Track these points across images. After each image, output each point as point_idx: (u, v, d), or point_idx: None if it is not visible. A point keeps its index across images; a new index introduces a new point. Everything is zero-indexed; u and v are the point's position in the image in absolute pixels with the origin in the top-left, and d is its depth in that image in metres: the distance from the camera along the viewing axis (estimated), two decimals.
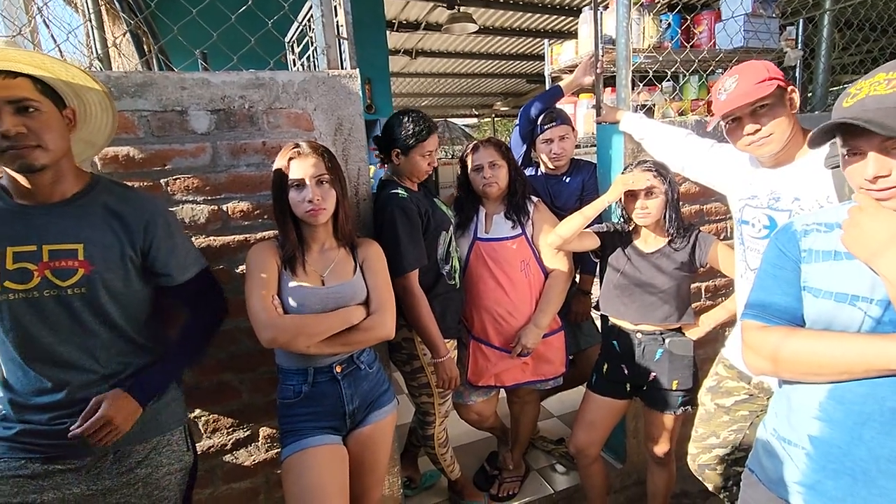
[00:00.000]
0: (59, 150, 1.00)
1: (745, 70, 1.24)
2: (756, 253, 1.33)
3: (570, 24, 6.10)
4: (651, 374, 1.61)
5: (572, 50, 2.61)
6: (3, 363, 1.05)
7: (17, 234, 0.99)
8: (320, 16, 1.48)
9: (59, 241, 1.01)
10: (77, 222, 1.04)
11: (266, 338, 1.19)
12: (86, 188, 1.07)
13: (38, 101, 0.96)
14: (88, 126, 1.11)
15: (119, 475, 1.10)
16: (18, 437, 1.03)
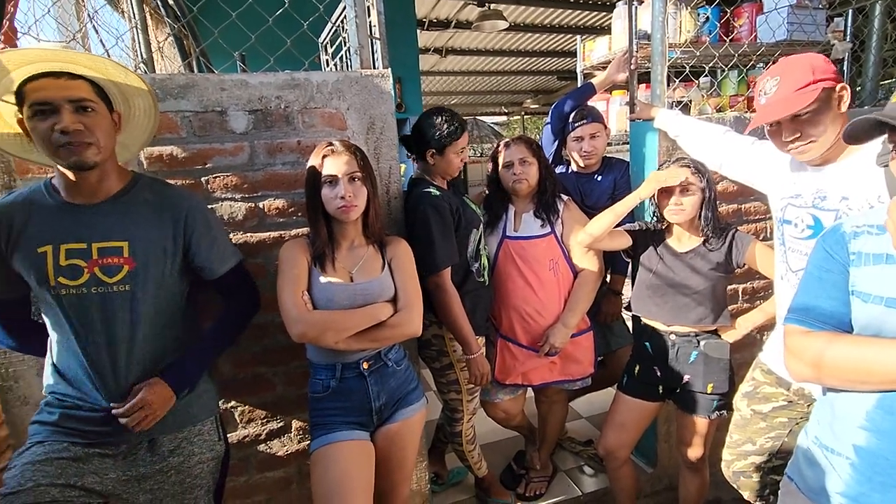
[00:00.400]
0: (107, 149, 1.05)
1: (787, 71, 1.17)
2: (798, 254, 1.28)
3: (602, 20, 5.99)
4: (685, 376, 1.58)
5: (605, 46, 2.57)
6: (55, 352, 1.11)
7: (68, 232, 1.05)
8: (353, 16, 1.51)
9: (106, 239, 1.07)
10: (121, 220, 1.09)
11: (296, 332, 1.22)
12: (128, 186, 1.13)
13: (94, 101, 1.02)
14: (128, 130, 1.17)
15: (153, 463, 1.15)
16: (61, 422, 1.09)
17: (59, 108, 0.97)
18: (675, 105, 2.29)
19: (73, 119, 0.98)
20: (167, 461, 1.16)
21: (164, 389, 1.11)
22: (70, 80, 0.99)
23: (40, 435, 1.08)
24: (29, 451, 1.06)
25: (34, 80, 0.97)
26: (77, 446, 1.08)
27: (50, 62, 0.97)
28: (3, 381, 1.29)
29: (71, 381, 1.10)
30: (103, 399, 1.09)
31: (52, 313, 1.07)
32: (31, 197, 1.07)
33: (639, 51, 2.01)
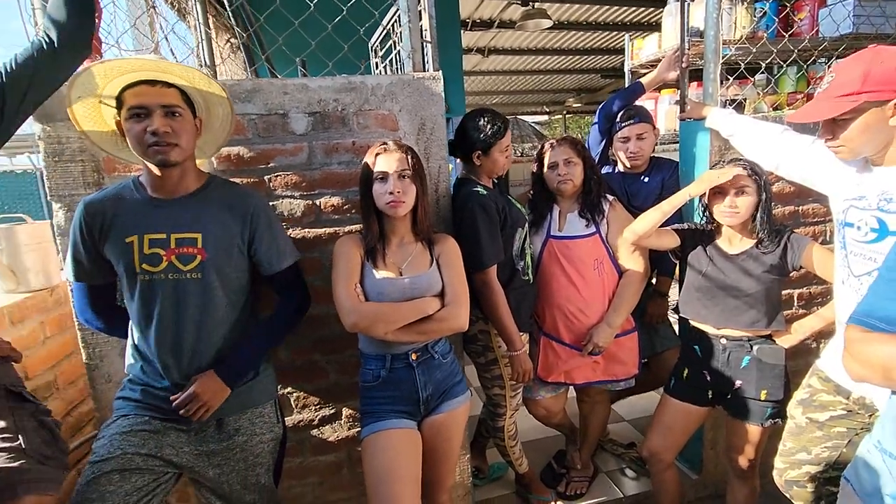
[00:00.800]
0: (189, 150, 1.16)
1: (843, 70, 1.13)
2: (861, 258, 1.23)
3: (650, 16, 5.83)
4: (736, 382, 1.54)
5: (655, 44, 2.53)
6: (135, 334, 1.22)
7: (151, 224, 1.16)
8: (407, 21, 1.57)
9: (183, 231, 1.17)
10: (197, 214, 1.19)
11: (348, 322, 1.29)
12: (203, 185, 1.24)
13: (182, 107, 1.13)
14: (207, 135, 1.28)
15: (220, 440, 1.25)
16: (142, 399, 1.21)
17: (152, 111, 1.09)
18: (729, 103, 2.23)
19: (164, 122, 1.09)
20: (233, 440, 1.25)
21: (216, 382, 1.19)
22: (163, 88, 1.11)
23: (124, 409, 1.20)
24: (115, 423, 1.18)
25: (133, 87, 1.10)
26: (156, 421, 1.19)
27: (148, 71, 1.10)
28: (90, 360, 1.43)
29: (148, 361, 1.21)
30: (177, 378, 1.19)
31: (135, 298, 1.18)
32: (120, 192, 1.19)
33: (690, 48, 1.98)
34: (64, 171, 1.35)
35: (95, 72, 1.09)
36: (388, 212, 1.33)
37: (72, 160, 1.35)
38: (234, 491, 1.26)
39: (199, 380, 1.18)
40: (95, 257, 1.18)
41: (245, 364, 1.25)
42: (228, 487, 1.26)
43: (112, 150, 1.24)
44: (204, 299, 1.19)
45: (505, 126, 1.66)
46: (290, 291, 1.34)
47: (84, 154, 1.36)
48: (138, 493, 1.12)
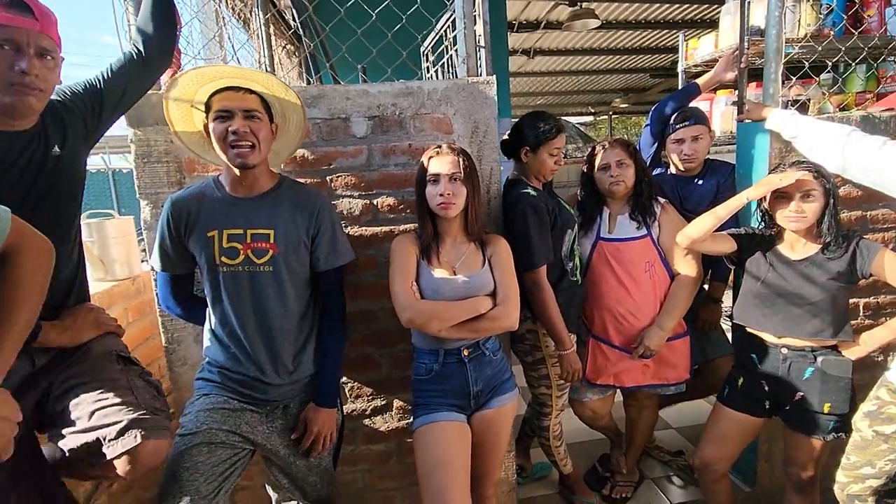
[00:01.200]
0: (265, 153, 1.27)
1: None
2: None
3: (705, 13, 5.64)
4: (797, 393, 1.48)
5: (711, 44, 2.46)
6: (213, 321, 1.33)
7: (230, 220, 1.27)
8: (462, 28, 1.62)
9: (258, 227, 1.27)
10: (270, 212, 1.29)
11: (405, 318, 1.35)
12: (276, 185, 1.33)
13: (260, 112, 1.24)
14: (281, 140, 1.38)
15: (290, 427, 1.35)
16: (220, 380, 1.31)
17: (234, 114, 1.20)
18: (791, 104, 2.15)
19: (243, 124, 1.20)
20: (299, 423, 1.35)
21: (322, 412, 1.34)
22: (245, 94, 1.22)
23: (205, 389, 1.31)
24: (199, 400, 1.29)
25: (219, 93, 1.22)
26: (234, 401, 1.29)
27: (233, 78, 1.22)
28: (168, 343, 1.56)
29: (225, 346, 1.31)
30: (249, 362, 1.29)
31: (213, 287, 1.28)
32: (202, 190, 1.31)
33: (750, 47, 1.92)
34: (151, 172, 1.49)
35: (190, 77, 1.22)
36: (439, 213, 1.39)
37: (158, 161, 1.49)
38: (300, 470, 1.35)
39: (310, 417, 1.33)
40: (180, 250, 1.30)
41: (332, 384, 1.38)
42: (295, 467, 1.35)
43: (198, 151, 1.36)
44: (275, 291, 1.29)
45: (557, 129, 1.68)
46: (333, 295, 1.40)
47: (169, 156, 1.49)
48: (223, 465, 1.23)
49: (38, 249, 0.93)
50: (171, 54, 1.34)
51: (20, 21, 0.99)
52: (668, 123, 2.01)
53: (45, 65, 1.04)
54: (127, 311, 1.75)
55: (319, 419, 1.33)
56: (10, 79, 1.00)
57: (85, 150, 1.21)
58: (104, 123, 1.24)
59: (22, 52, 1.01)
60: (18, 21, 0.99)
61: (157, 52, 1.29)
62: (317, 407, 1.34)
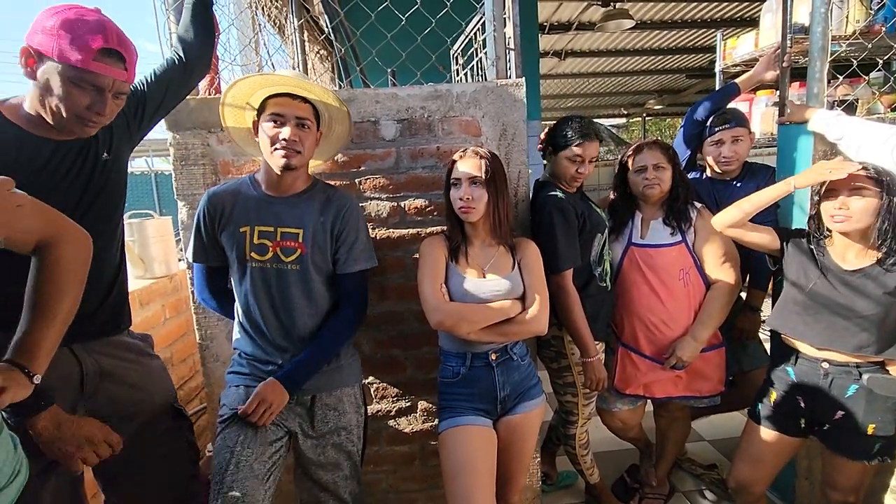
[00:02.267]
0: (308, 158, 1.31)
1: None
2: None
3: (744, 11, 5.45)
4: (839, 412, 1.39)
5: (751, 42, 2.38)
6: (242, 315, 1.36)
7: (262, 217, 1.30)
8: (492, 30, 1.61)
9: (288, 226, 1.30)
10: (301, 212, 1.32)
11: (434, 320, 1.34)
12: (309, 187, 1.36)
13: (311, 121, 1.29)
14: (323, 146, 1.42)
15: (317, 416, 1.35)
16: (250, 372, 1.34)
17: (287, 120, 1.25)
18: (837, 105, 2.05)
19: (295, 132, 1.25)
20: (328, 415, 1.36)
21: (278, 388, 1.27)
22: (300, 102, 1.27)
23: (236, 381, 1.35)
24: (231, 390, 1.34)
25: (276, 97, 1.27)
26: None
27: (294, 87, 1.27)
28: (202, 340, 1.61)
29: (252, 339, 1.34)
30: (277, 354, 1.32)
31: (243, 282, 1.32)
32: (238, 187, 1.35)
33: (793, 46, 1.84)
34: (189, 174, 1.54)
35: (254, 81, 1.28)
36: (461, 217, 1.39)
37: (195, 164, 1.54)
38: (329, 463, 1.36)
39: (264, 385, 1.27)
40: (213, 242, 1.34)
41: (303, 375, 1.31)
42: (325, 458, 1.36)
43: (242, 144, 1.42)
44: (301, 288, 1.31)
45: (581, 136, 1.61)
46: (350, 299, 1.37)
47: (205, 158, 1.54)
48: (271, 447, 1.28)
49: (77, 241, 0.97)
50: (210, 60, 1.39)
51: (114, 73, 1.04)
52: (703, 126, 1.95)
53: (116, 104, 1.10)
54: (164, 308, 1.82)
55: (270, 393, 1.26)
56: (84, 115, 1.05)
57: (128, 151, 1.27)
58: (146, 126, 1.31)
59: (103, 96, 1.05)
60: (112, 72, 1.03)
61: (198, 58, 1.35)
62: (275, 382, 1.28)
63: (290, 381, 1.29)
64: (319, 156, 1.46)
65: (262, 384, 1.28)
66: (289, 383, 1.29)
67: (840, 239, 1.39)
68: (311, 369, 1.33)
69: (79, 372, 1.15)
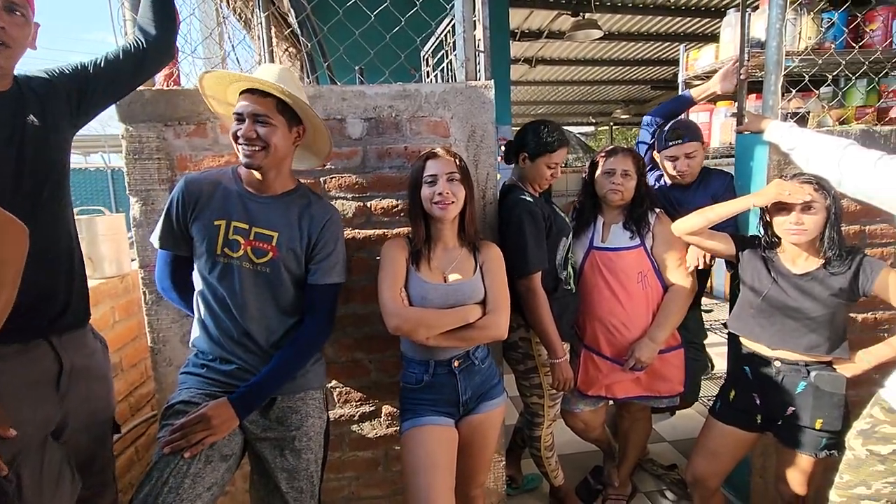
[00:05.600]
0: (278, 156, 1.25)
1: None
2: None
3: (706, 27, 5.68)
4: (789, 408, 1.46)
5: (712, 55, 2.46)
6: (203, 312, 1.29)
7: (238, 212, 1.25)
8: (462, 32, 1.61)
9: (263, 226, 1.25)
10: (278, 215, 1.27)
11: (391, 325, 1.32)
12: (291, 190, 1.32)
13: (273, 117, 1.22)
14: (314, 144, 1.38)
15: (277, 419, 1.29)
16: (204, 374, 1.28)
17: (244, 118, 1.21)
18: (790, 117, 2.14)
19: (250, 128, 1.20)
20: (290, 419, 1.30)
21: (228, 411, 1.17)
22: (260, 98, 1.21)
23: (188, 383, 1.28)
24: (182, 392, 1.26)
25: (242, 94, 1.23)
26: (218, 394, 1.24)
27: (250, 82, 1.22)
28: (154, 343, 1.54)
29: (212, 337, 1.28)
30: (237, 355, 1.26)
31: (208, 277, 1.26)
32: (219, 177, 1.29)
33: (750, 59, 1.92)
34: (142, 169, 1.47)
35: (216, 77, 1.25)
36: (437, 212, 1.36)
37: (149, 158, 1.47)
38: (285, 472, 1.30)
39: (212, 405, 1.18)
40: (184, 230, 1.27)
41: (258, 398, 1.24)
42: (280, 468, 1.29)
43: None
44: (271, 292, 1.27)
45: (559, 143, 1.65)
46: (316, 312, 1.32)
47: (160, 153, 1.47)
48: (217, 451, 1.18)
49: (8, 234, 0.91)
50: (171, 48, 1.34)
51: None
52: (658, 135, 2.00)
53: (13, 20, 1.03)
54: (114, 310, 1.73)
55: (216, 414, 1.15)
56: None
57: (69, 130, 1.21)
58: (92, 108, 1.24)
59: None
60: None
61: (157, 47, 1.30)
62: (226, 403, 1.18)
63: (243, 404, 1.22)
64: (300, 164, 1.42)
65: (212, 403, 1.19)
66: (241, 406, 1.21)
67: (790, 246, 1.47)
68: (268, 391, 1.26)
69: (57, 369, 1.11)
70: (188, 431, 1.14)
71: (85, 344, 1.24)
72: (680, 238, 1.64)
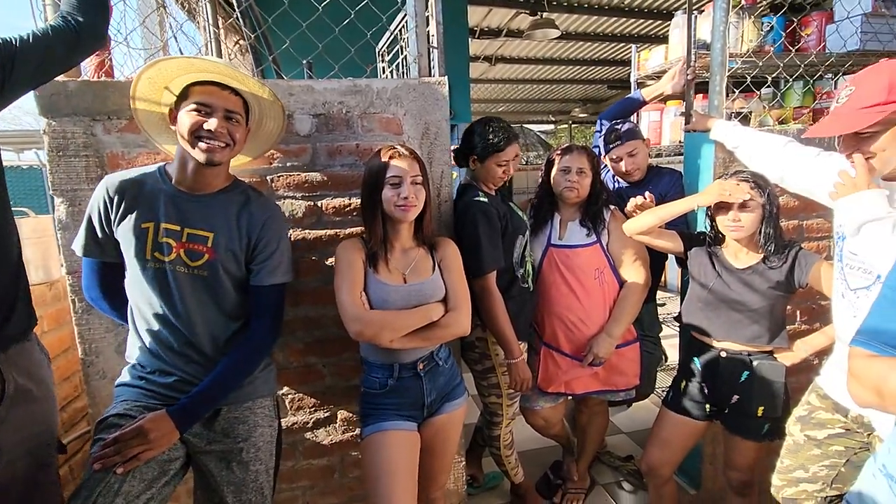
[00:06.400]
0: (236, 153, 1.20)
1: (864, 82, 1.11)
2: (858, 272, 1.22)
3: (658, 29, 5.86)
4: (734, 396, 1.52)
5: (661, 56, 2.53)
6: (137, 321, 1.21)
7: (169, 214, 1.16)
8: (414, 26, 1.57)
9: (197, 227, 1.18)
10: (214, 213, 1.20)
11: (354, 330, 1.27)
12: (228, 187, 1.24)
13: (240, 115, 1.18)
14: (250, 143, 1.31)
15: (224, 429, 1.23)
16: (142, 385, 1.20)
17: (214, 111, 1.13)
18: (734, 116, 2.23)
19: (223, 124, 1.14)
20: (236, 429, 1.24)
21: (167, 424, 1.11)
22: (231, 94, 1.16)
23: (125, 395, 1.19)
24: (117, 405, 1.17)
25: (203, 85, 1.14)
26: (159, 407, 1.16)
27: (226, 77, 1.15)
28: (86, 355, 1.42)
29: (149, 348, 1.20)
30: (177, 364, 1.19)
31: (140, 284, 1.17)
32: (143, 177, 1.19)
33: (697, 61, 1.98)
34: (67, 166, 1.35)
35: (176, 64, 1.13)
36: (399, 215, 1.32)
37: (76, 155, 1.35)
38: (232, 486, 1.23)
39: (150, 417, 1.11)
40: (109, 235, 1.18)
41: (201, 409, 1.17)
42: (226, 482, 1.23)
43: (152, 133, 1.26)
44: (211, 295, 1.19)
45: (507, 140, 1.63)
46: (262, 316, 1.25)
47: (88, 150, 1.36)
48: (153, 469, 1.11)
49: None
50: (105, 33, 1.23)
51: None
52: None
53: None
54: (42, 320, 1.59)
55: (154, 428, 1.08)
56: None
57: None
58: (16, 88, 1.10)
59: None
60: None
61: (90, 30, 1.17)
62: (165, 416, 1.11)
63: (184, 416, 1.14)
64: (246, 152, 1.35)
65: (150, 415, 1.11)
66: (182, 418, 1.14)
67: (732, 242, 1.53)
68: (212, 401, 1.19)
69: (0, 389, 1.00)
70: (122, 446, 1.06)
71: (31, 359, 1.12)
72: None
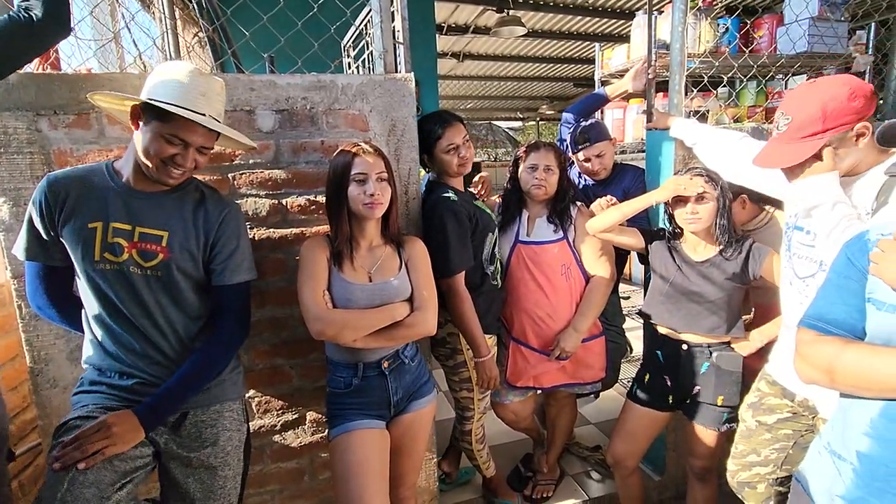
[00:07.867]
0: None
1: (799, 109, 1.13)
2: (806, 261, 1.28)
3: (621, 28, 5.99)
4: (695, 387, 1.58)
5: (624, 54, 2.59)
6: (92, 325, 1.15)
7: (119, 213, 1.11)
8: (379, 21, 1.55)
9: (149, 226, 1.13)
10: (168, 212, 1.15)
11: (315, 329, 1.25)
12: (182, 184, 1.19)
13: (212, 146, 1.18)
14: None
15: (192, 432, 1.19)
16: (104, 391, 1.15)
17: (189, 147, 1.11)
18: (693, 115, 2.30)
19: (194, 157, 1.13)
20: (203, 434, 1.20)
21: (132, 422, 1.07)
22: (207, 131, 1.13)
23: (83, 401, 1.13)
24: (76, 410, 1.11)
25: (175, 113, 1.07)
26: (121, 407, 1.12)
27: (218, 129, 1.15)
28: (34, 363, 1.35)
29: (107, 351, 1.15)
30: (138, 366, 1.15)
31: (93, 287, 1.12)
32: (88, 175, 1.13)
33: (657, 60, 2.03)
34: (10, 164, 1.27)
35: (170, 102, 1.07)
36: (365, 213, 1.30)
37: (18, 152, 1.27)
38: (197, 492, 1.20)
39: (114, 413, 1.07)
40: (53, 237, 1.11)
41: (168, 407, 1.14)
42: (192, 488, 1.19)
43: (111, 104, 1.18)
44: (168, 295, 1.15)
45: (442, 125, 1.62)
46: (228, 316, 1.22)
47: (33, 146, 1.28)
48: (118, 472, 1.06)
49: None
50: (68, 24, 1.16)
51: None
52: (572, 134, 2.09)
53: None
54: None
55: (118, 425, 1.05)
56: None
57: None
58: None
59: None
60: None
61: (53, 22, 1.11)
62: (130, 414, 1.08)
63: (149, 414, 1.10)
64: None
65: (114, 412, 1.07)
66: (147, 416, 1.10)
67: (690, 236, 1.59)
68: (178, 400, 1.15)
69: None
70: (84, 441, 1.01)
71: None
72: None
